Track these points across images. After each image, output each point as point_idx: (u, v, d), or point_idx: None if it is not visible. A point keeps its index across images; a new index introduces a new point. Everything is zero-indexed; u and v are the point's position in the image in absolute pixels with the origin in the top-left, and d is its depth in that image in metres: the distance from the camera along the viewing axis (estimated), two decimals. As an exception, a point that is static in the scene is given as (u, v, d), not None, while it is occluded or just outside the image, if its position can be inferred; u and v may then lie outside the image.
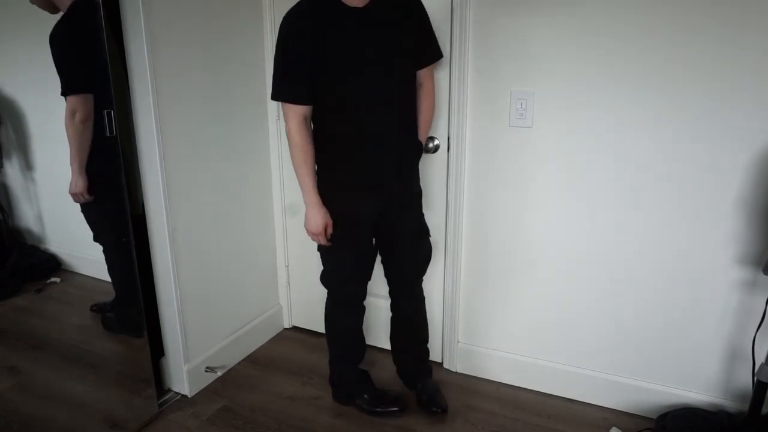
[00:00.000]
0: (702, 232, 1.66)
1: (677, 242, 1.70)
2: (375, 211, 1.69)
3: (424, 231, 1.82)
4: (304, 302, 2.46)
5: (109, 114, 1.62)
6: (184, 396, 2.00)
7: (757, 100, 1.51)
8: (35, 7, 1.54)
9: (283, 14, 2.12)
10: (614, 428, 1.79)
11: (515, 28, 1.74)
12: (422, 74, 1.67)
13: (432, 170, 1.99)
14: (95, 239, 1.74)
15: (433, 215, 2.03)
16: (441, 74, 1.88)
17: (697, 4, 1.50)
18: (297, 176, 1.61)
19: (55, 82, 1.66)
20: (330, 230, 1.65)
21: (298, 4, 1.50)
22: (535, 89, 1.76)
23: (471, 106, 1.87)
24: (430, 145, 1.94)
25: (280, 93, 1.55)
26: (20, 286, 1.69)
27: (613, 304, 1.83)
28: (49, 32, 1.57)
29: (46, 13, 1.55)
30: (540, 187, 1.84)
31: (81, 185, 1.65)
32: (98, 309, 1.81)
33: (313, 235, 1.65)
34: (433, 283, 2.11)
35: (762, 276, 1.61)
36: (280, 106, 2.23)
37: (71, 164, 1.62)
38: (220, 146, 2.02)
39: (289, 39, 1.49)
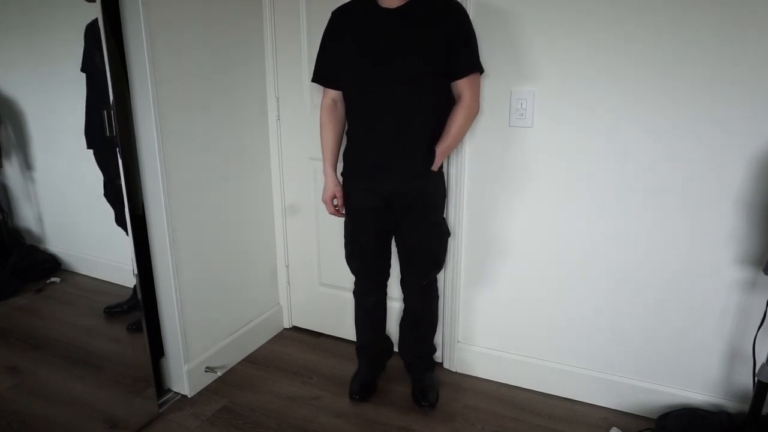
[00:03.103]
0: (702, 232, 1.66)
1: (677, 242, 1.69)
2: (372, 204, 1.74)
3: (429, 233, 1.80)
4: (304, 302, 2.46)
5: (108, 114, 1.61)
6: (184, 396, 1.99)
7: (758, 100, 1.50)
8: (34, 6, 1.54)
9: (283, 13, 2.14)
10: (614, 428, 1.79)
11: (516, 27, 1.74)
12: (459, 86, 1.63)
13: (432, 170, 1.99)
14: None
15: (433, 215, 2.03)
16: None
17: (698, 3, 1.50)
18: None
19: (55, 82, 1.66)
20: (339, 202, 1.83)
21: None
22: (535, 89, 1.76)
23: (471, 106, 1.87)
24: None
25: (313, 75, 1.77)
26: (20, 286, 1.69)
27: (614, 303, 1.83)
28: (51, 30, 1.57)
29: (45, 13, 1.55)
30: (540, 188, 1.84)
31: None
32: (109, 311, 1.81)
33: (323, 203, 1.86)
34: (433, 283, 2.11)
35: (762, 276, 1.61)
36: (280, 104, 2.24)
37: None
38: (221, 146, 2.02)
39: (326, 30, 1.71)
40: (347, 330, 2.37)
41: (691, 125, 1.59)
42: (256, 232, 2.28)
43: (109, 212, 1.72)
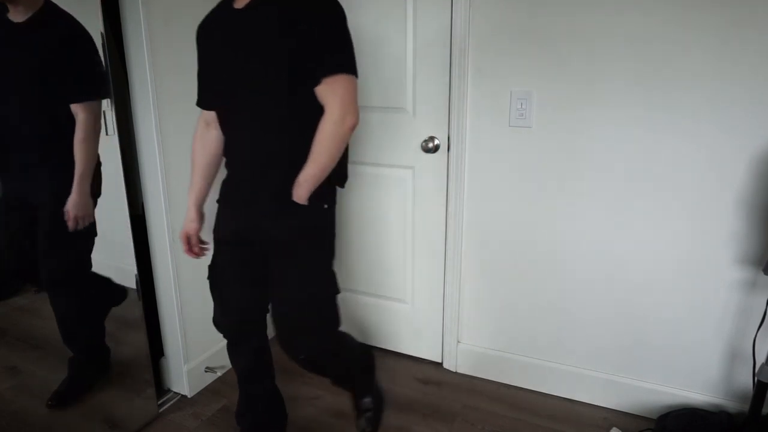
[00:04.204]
0: (702, 232, 1.66)
1: (677, 242, 1.69)
2: (232, 240, 1.49)
3: (298, 284, 1.42)
4: (304, 302, 2.46)
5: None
6: (184, 396, 1.99)
7: (758, 100, 1.50)
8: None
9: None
10: (614, 428, 1.79)
11: (516, 27, 1.74)
12: (320, 94, 1.28)
13: (432, 170, 1.99)
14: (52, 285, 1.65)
15: (433, 215, 2.04)
16: (441, 73, 1.88)
17: (698, 3, 1.50)
18: None
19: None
20: (194, 240, 1.57)
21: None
22: (535, 89, 1.76)
23: (471, 106, 1.87)
24: (430, 145, 1.94)
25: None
26: (20, 286, 1.69)
27: (614, 303, 1.83)
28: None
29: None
30: (539, 188, 1.84)
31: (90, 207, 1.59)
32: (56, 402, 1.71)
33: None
34: (433, 283, 2.12)
35: (762, 276, 1.61)
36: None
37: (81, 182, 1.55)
38: (220, 146, 2.02)
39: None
40: (347, 330, 2.37)
41: (691, 125, 1.59)
42: (256, 232, 2.28)
43: (109, 212, 1.71)
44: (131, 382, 1.86)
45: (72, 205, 1.55)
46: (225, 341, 2.16)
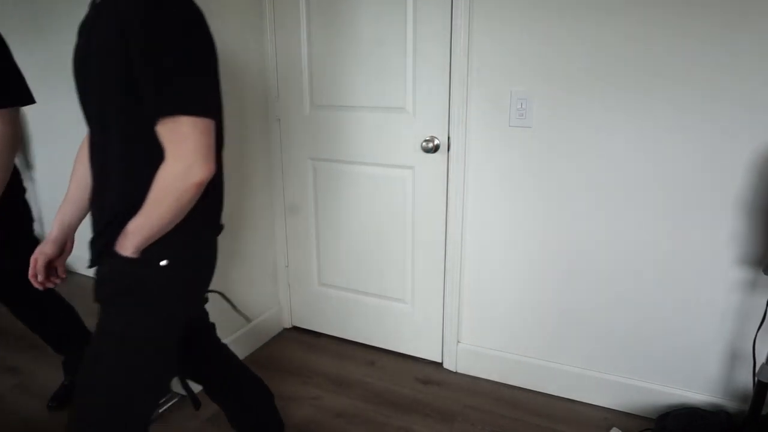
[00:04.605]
0: (702, 233, 1.66)
1: (677, 242, 1.70)
2: None
3: (90, 355, 1.08)
4: (304, 302, 2.46)
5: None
6: (184, 396, 1.99)
7: (757, 100, 1.51)
8: (36, 7, 1.54)
9: (284, 14, 2.14)
10: (614, 428, 1.79)
11: (516, 28, 1.74)
12: (159, 135, 0.93)
13: (432, 170, 1.99)
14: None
15: (432, 215, 2.04)
16: (441, 73, 1.88)
17: (695, 5, 1.50)
18: None
19: (56, 83, 1.65)
20: (39, 266, 1.20)
21: None
22: (535, 89, 1.76)
23: (471, 106, 1.87)
24: (430, 145, 1.94)
25: None
26: (20, 286, 1.68)
27: (614, 303, 1.83)
28: (51, 30, 1.56)
29: (45, 14, 1.55)
30: (540, 188, 1.84)
31: None
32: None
33: None
34: (433, 283, 2.12)
35: (762, 276, 1.61)
36: (280, 104, 2.24)
37: None
38: (220, 146, 2.02)
39: None
40: (347, 330, 2.37)
41: (691, 125, 1.59)
42: (256, 232, 2.28)
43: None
44: (131, 382, 1.85)
45: None
46: (224, 341, 2.16)
